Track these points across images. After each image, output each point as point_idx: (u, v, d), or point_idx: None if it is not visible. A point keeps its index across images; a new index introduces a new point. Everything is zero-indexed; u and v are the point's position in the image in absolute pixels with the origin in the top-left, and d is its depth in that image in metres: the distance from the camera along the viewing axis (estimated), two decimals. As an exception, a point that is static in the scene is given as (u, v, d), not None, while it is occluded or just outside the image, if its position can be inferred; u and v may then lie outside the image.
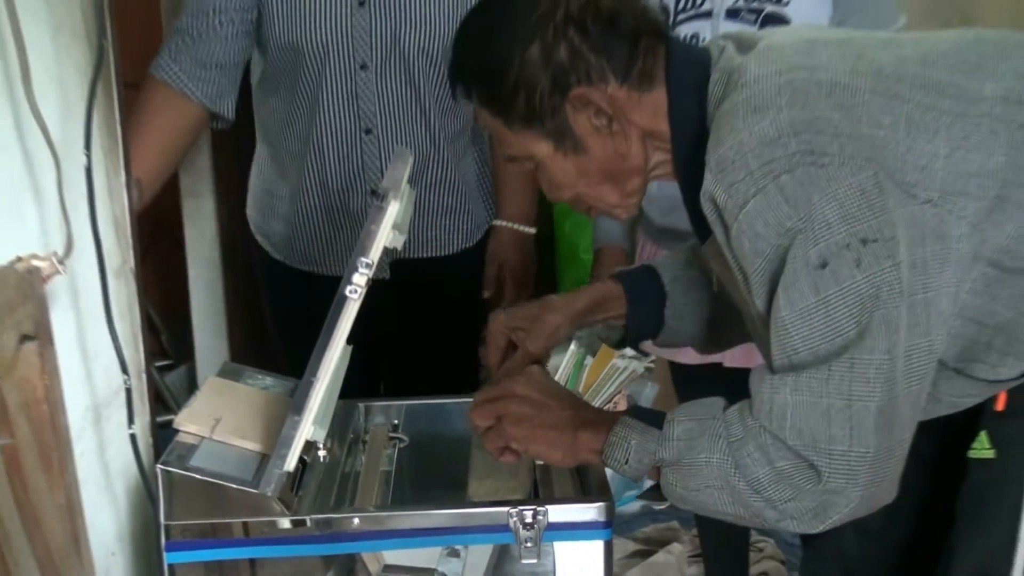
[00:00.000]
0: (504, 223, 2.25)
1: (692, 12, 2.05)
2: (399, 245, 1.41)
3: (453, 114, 2.09)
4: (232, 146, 2.67)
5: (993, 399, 1.33)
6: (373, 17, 2.00)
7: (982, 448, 1.34)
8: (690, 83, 1.33)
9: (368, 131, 2.06)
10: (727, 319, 1.51)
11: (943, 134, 1.22)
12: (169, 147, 1.96)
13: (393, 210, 1.37)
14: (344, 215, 2.09)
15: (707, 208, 1.26)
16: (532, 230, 2.27)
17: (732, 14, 2.01)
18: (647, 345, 1.73)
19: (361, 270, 1.33)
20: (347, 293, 1.33)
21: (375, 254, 1.35)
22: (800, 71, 1.25)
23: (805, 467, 1.19)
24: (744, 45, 1.34)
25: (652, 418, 1.31)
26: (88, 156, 1.35)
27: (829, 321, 1.17)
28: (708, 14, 2.04)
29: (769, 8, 1.97)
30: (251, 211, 2.28)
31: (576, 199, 1.43)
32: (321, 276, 2.14)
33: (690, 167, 1.30)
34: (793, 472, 1.20)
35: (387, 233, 1.37)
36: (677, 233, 1.90)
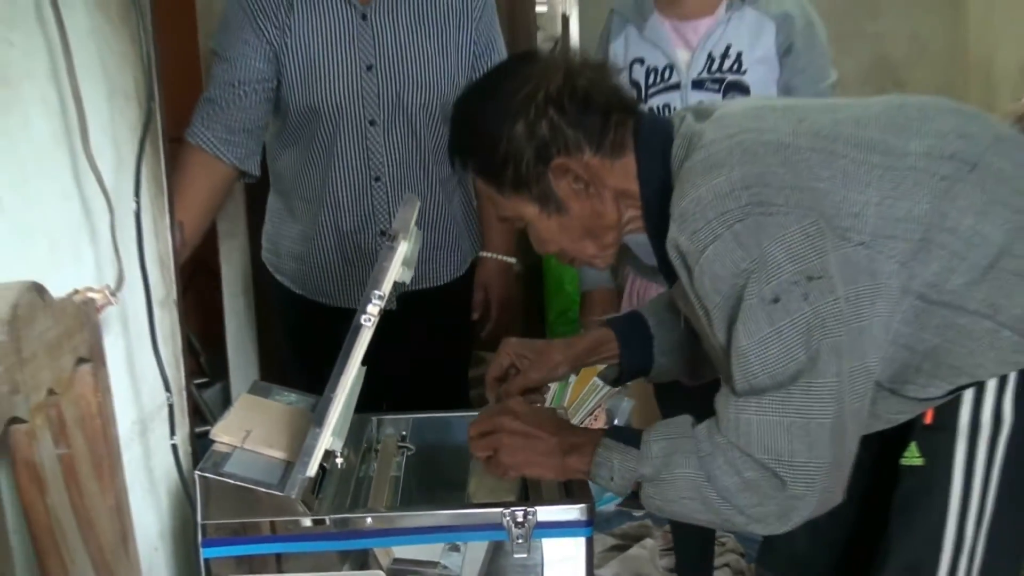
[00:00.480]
0: (489, 254, 2.26)
1: (662, 86, 2.09)
2: (407, 279, 1.42)
3: (446, 160, 2.10)
4: (261, 195, 2.70)
5: (922, 414, 1.33)
6: (380, 80, 2.01)
7: (912, 457, 1.34)
8: (656, 149, 1.35)
9: (377, 179, 2.06)
10: (703, 353, 1.52)
11: (874, 185, 1.24)
12: (207, 202, 1.98)
13: (403, 249, 1.38)
14: (356, 253, 2.09)
15: (672, 254, 1.28)
16: (513, 260, 2.28)
17: (697, 84, 2.05)
18: None
19: (375, 301, 1.33)
20: (362, 322, 1.33)
21: (387, 287, 1.35)
22: (749, 133, 1.27)
23: (770, 476, 1.20)
24: (702, 115, 1.36)
25: (629, 437, 1.32)
26: (137, 202, 1.37)
27: (783, 348, 1.18)
28: (676, 86, 2.08)
29: (730, 77, 2.02)
30: (267, 253, 2.27)
31: (560, 253, 1.44)
32: (333, 307, 2.14)
33: (657, 220, 1.31)
34: (760, 481, 1.20)
35: (397, 269, 1.38)
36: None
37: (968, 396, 1.30)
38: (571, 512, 1.38)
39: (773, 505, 1.21)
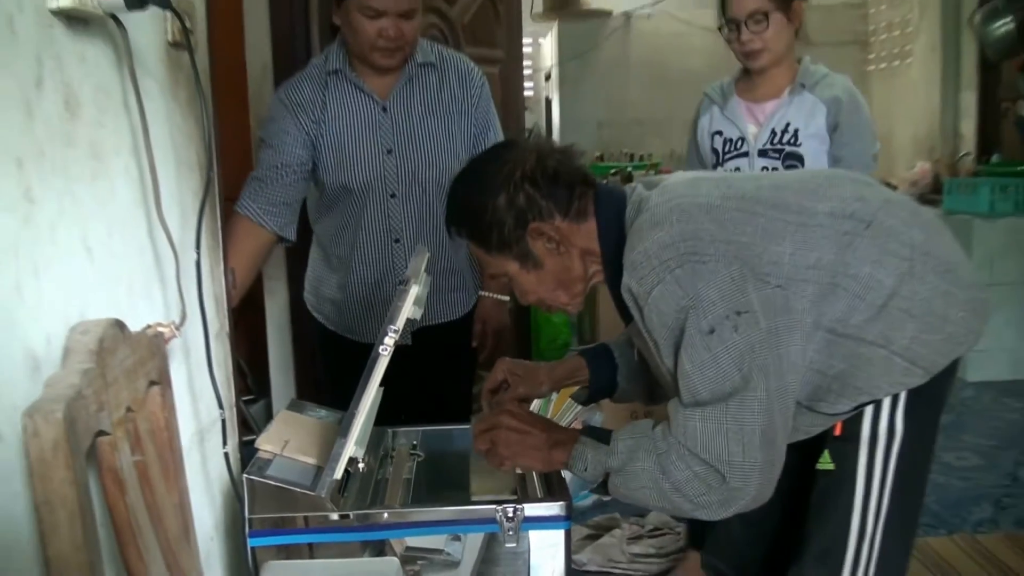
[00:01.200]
0: (487, 294, 2.25)
1: (735, 153, 2.18)
2: (417, 316, 1.42)
3: None
4: (300, 246, 2.73)
5: (833, 427, 1.35)
6: (399, 162, 2.02)
7: (825, 462, 1.36)
8: (612, 214, 1.37)
9: (397, 240, 2.07)
10: (656, 380, 1.53)
11: (789, 239, 1.27)
12: (252, 260, 1.98)
13: (414, 291, 1.39)
14: (379, 300, 2.09)
15: (626, 297, 1.30)
16: (506, 298, 2.27)
17: (763, 153, 2.15)
18: None
19: (390, 334, 1.34)
20: (380, 351, 1.34)
21: (401, 323, 1.36)
22: (685, 198, 1.30)
23: (713, 472, 1.21)
24: (650, 185, 1.39)
25: (602, 435, 1.33)
26: (198, 253, 1.38)
27: (719, 371, 1.21)
28: (746, 154, 2.17)
29: (788, 148, 2.11)
30: (308, 295, 2.27)
31: (539, 301, 1.46)
32: (361, 343, 2.13)
33: (614, 271, 1.33)
34: (705, 475, 1.22)
35: (409, 307, 1.39)
36: None
37: (868, 411, 1.33)
38: (553, 508, 1.38)
39: (716, 495, 1.22)
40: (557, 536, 1.37)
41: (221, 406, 1.43)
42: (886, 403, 1.32)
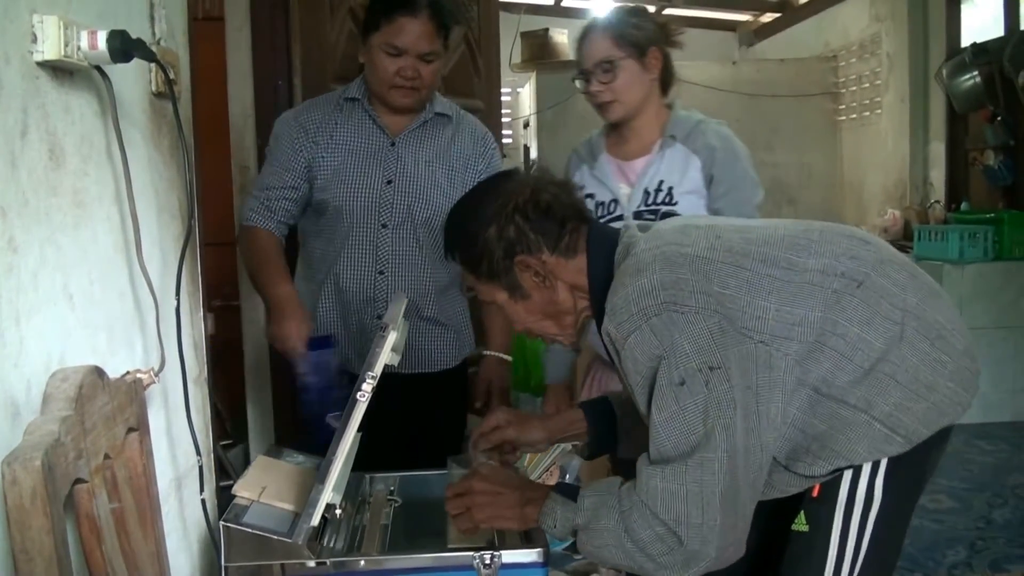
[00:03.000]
0: (491, 353, 2.19)
1: (609, 217, 2.02)
2: (395, 362, 1.42)
3: (444, 268, 2.07)
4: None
5: (811, 488, 1.31)
6: (396, 193, 2.02)
7: (800, 524, 1.32)
8: (603, 252, 1.36)
9: (381, 272, 2.04)
10: None
11: (775, 294, 1.23)
12: (283, 260, 2.02)
13: (392, 338, 1.39)
14: (358, 328, 2.07)
15: (605, 340, 1.29)
16: (509, 358, 2.22)
17: (638, 215, 1.98)
18: None
19: (368, 380, 1.33)
20: (358, 397, 1.33)
21: (379, 369, 1.36)
22: (671, 246, 1.27)
23: (671, 534, 1.18)
24: (644, 228, 1.38)
25: (571, 493, 1.31)
26: (178, 299, 1.38)
27: (685, 424, 1.18)
28: (620, 217, 2.01)
29: (664, 208, 1.97)
30: None
31: (528, 330, 1.45)
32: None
33: (600, 310, 1.31)
34: (665, 536, 1.19)
35: (387, 354, 1.39)
36: None
37: (847, 475, 1.28)
38: (530, 555, 1.37)
39: (677, 556, 1.19)
40: (534, 582, 1.37)
41: (199, 452, 1.43)
42: (866, 468, 1.27)
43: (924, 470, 1.34)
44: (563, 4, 7.29)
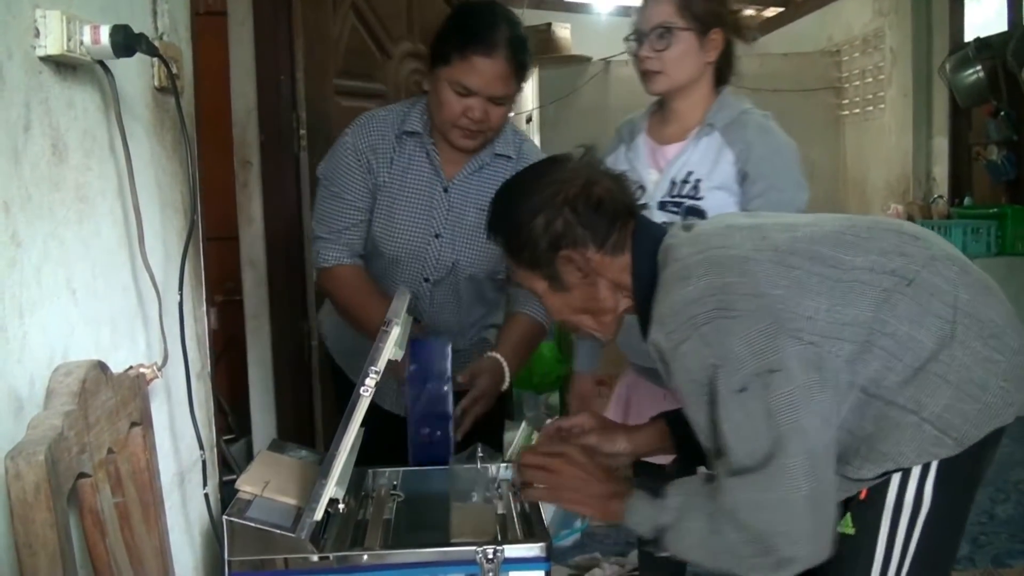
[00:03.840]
0: (496, 355, 1.93)
1: None
2: (398, 358, 1.42)
3: (482, 305, 2.01)
4: (280, 284, 2.72)
5: (859, 491, 1.28)
6: (442, 248, 1.90)
7: (847, 526, 1.29)
8: (648, 252, 1.32)
9: (417, 321, 1.89)
10: None
11: (825, 294, 1.20)
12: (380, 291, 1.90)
13: (395, 333, 1.39)
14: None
15: (652, 352, 1.26)
16: (507, 383, 1.96)
17: (662, 206, 1.84)
18: None
19: (371, 375, 1.32)
20: (360, 392, 1.32)
21: (382, 364, 1.36)
22: (716, 249, 1.24)
23: (759, 542, 1.16)
24: (687, 228, 1.35)
25: (656, 489, 1.28)
26: (181, 294, 1.37)
27: (754, 431, 1.15)
28: (645, 206, 1.79)
29: (688, 202, 1.82)
30: (329, 341, 2.17)
31: (565, 322, 1.43)
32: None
33: (643, 310, 1.30)
34: (751, 542, 1.16)
35: (391, 349, 1.39)
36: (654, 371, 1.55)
37: (896, 478, 1.25)
38: (533, 550, 1.37)
39: (769, 559, 1.17)
40: (537, 577, 1.37)
41: (202, 447, 1.43)
42: (915, 471, 1.24)
43: (976, 473, 1.31)
44: (566, -1, 7.28)
